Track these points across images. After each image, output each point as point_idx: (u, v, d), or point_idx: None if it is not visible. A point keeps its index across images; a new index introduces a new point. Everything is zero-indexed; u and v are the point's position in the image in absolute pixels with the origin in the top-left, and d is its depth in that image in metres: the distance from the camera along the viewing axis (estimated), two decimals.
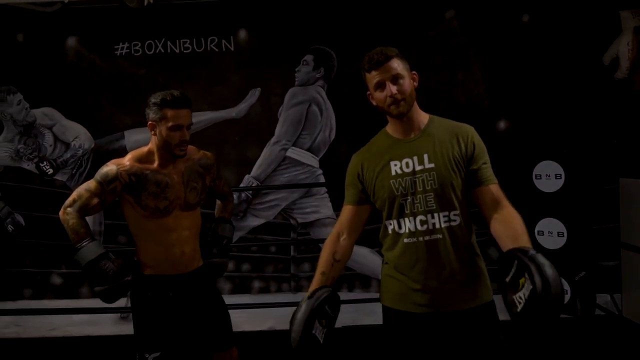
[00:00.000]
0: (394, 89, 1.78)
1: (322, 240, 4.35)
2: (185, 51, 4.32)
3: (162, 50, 4.32)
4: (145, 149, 2.14)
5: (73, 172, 4.33)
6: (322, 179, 4.39)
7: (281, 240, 4.48)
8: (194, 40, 4.32)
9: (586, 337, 3.68)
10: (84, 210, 2.09)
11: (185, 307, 2.15)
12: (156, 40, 4.32)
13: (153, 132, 2.08)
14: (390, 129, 1.90)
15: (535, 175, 3.91)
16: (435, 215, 1.76)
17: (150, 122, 2.08)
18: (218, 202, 2.45)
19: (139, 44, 4.32)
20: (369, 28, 4.33)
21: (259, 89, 4.37)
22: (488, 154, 1.84)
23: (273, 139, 4.40)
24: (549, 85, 4.27)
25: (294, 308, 1.71)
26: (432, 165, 1.77)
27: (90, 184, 2.09)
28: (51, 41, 4.30)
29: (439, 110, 2.05)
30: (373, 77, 1.82)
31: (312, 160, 4.39)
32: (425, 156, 1.78)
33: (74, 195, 2.11)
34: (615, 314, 4.02)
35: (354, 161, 1.95)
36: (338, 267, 1.86)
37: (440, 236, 1.76)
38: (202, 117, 4.32)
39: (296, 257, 4.44)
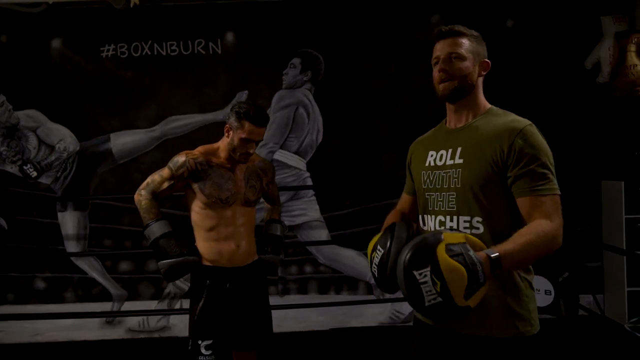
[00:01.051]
0: (445, 65, 1.56)
1: (310, 243, 4.38)
2: (172, 53, 4.30)
3: (149, 53, 4.29)
4: (216, 144, 2.34)
5: (58, 175, 4.28)
6: (309, 182, 4.39)
7: None
8: (181, 42, 4.30)
9: (570, 337, 3.73)
10: (155, 192, 2.27)
11: (239, 299, 2.30)
12: (142, 42, 4.29)
13: (227, 134, 2.27)
14: (447, 116, 1.69)
15: None
16: (455, 218, 1.52)
17: (227, 125, 2.27)
18: (268, 205, 2.67)
19: (125, 46, 4.28)
20: (357, 32, 4.35)
21: (246, 91, 4.36)
22: None
23: (260, 142, 4.38)
24: (533, 89, 4.33)
25: (281, 311, 1.72)
26: (461, 161, 1.54)
27: (163, 170, 2.29)
28: (36, 42, 4.25)
29: (428, 113, 2.05)
30: (435, 51, 1.60)
31: (300, 163, 4.39)
32: (459, 150, 1.55)
33: (147, 179, 2.30)
34: (597, 314, 4.09)
35: (410, 150, 1.81)
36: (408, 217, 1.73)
37: None
38: (189, 120, 4.30)
39: (284, 260, 4.44)
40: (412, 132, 2.07)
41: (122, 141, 4.31)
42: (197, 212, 2.29)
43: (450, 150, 1.57)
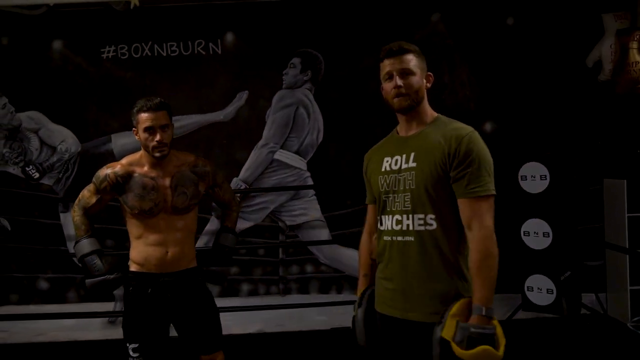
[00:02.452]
0: (399, 81, 1.73)
1: (311, 243, 4.38)
2: (172, 54, 4.30)
3: (149, 54, 4.30)
4: (138, 153, 2.29)
5: (59, 176, 4.29)
6: (310, 182, 4.38)
7: (269, 243, 4.47)
8: (181, 43, 4.31)
9: (572, 336, 3.71)
10: (85, 208, 2.30)
11: (167, 305, 2.26)
12: (143, 44, 4.29)
13: (137, 137, 2.24)
14: (398, 126, 1.87)
15: (521, 176, 3.93)
16: (410, 216, 1.68)
17: (133, 128, 2.26)
18: (225, 211, 2.56)
19: (126, 47, 4.29)
20: (356, 31, 4.34)
21: (246, 91, 4.36)
22: None
23: (261, 142, 4.39)
24: (534, 87, 4.31)
25: (283, 311, 1.76)
26: (415, 164, 1.70)
27: (90, 185, 2.31)
28: (37, 44, 4.26)
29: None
30: (384, 67, 1.78)
31: (300, 163, 4.39)
32: (412, 155, 1.72)
33: (79, 195, 2.33)
34: (600, 313, 4.06)
35: (365, 160, 1.96)
36: (375, 265, 1.87)
37: (412, 239, 1.68)
38: (189, 120, 4.31)
39: (285, 260, 4.44)
40: None
41: (123, 142, 4.32)
42: (127, 220, 2.29)
43: (404, 155, 1.74)
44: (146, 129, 2.18)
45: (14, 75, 4.27)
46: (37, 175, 4.28)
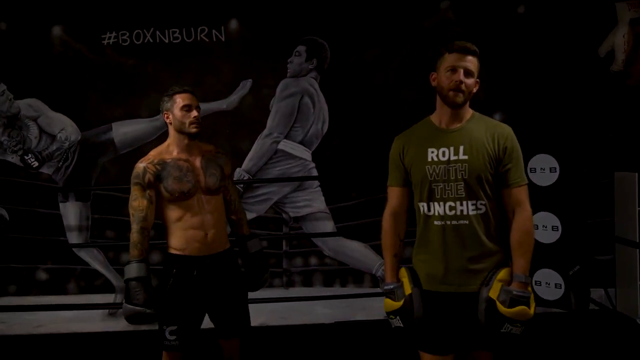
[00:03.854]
0: (463, 77, 1.94)
1: (315, 235, 4.40)
2: (174, 41, 4.31)
3: (151, 40, 4.30)
4: (164, 144, 2.42)
5: (59, 165, 4.31)
6: (314, 172, 4.39)
7: (273, 234, 4.49)
8: (184, 30, 4.30)
9: (580, 331, 3.73)
10: (143, 219, 2.30)
11: (207, 287, 2.35)
12: (144, 30, 4.29)
13: (169, 120, 2.37)
14: (435, 117, 2.06)
15: (530, 168, 3.94)
16: (464, 202, 1.95)
17: (165, 113, 2.38)
18: (232, 217, 2.59)
19: (127, 34, 4.29)
20: (363, 18, 4.33)
21: (250, 80, 4.37)
22: None
23: (265, 132, 4.40)
24: (545, 77, 4.31)
25: (286, 304, 1.81)
26: (466, 157, 1.95)
27: (133, 192, 2.32)
28: (36, 30, 4.26)
29: (435, 103, 2.09)
30: (451, 59, 1.96)
31: (305, 153, 4.40)
32: (461, 148, 1.96)
33: (130, 211, 2.32)
34: (609, 308, 4.08)
35: (396, 144, 2.12)
36: (402, 246, 2.11)
37: (467, 222, 1.95)
38: None
39: (288, 252, 4.46)
40: (416, 122, 2.10)
41: (124, 130, 4.33)
42: (165, 207, 2.36)
43: (452, 148, 1.98)
44: (183, 107, 2.34)
45: (13, 61, 4.27)
46: (36, 164, 4.30)
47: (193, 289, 2.34)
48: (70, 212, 4.32)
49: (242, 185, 4.40)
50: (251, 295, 2.53)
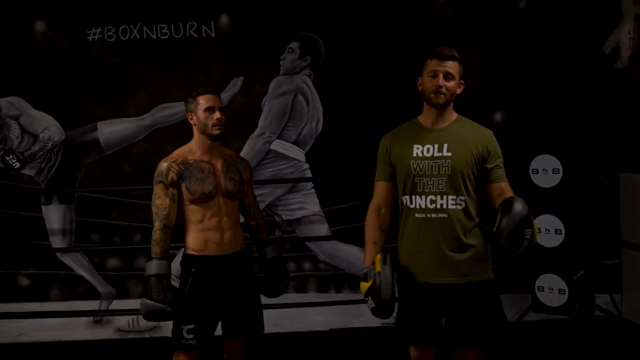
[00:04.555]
0: (442, 82, 2.18)
1: (309, 239, 4.38)
2: (162, 37, 4.28)
3: (138, 36, 4.27)
4: (188, 145, 2.54)
5: (42, 166, 4.28)
6: (308, 174, 4.38)
7: None
8: (172, 25, 4.28)
9: (585, 339, 3.72)
10: (166, 217, 2.40)
11: (223, 286, 2.47)
12: (131, 25, 4.26)
13: (192, 121, 2.50)
14: (422, 118, 2.32)
15: (532, 169, 3.94)
16: (445, 197, 2.18)
17: (189, 114, 2.51)
18: (251, 223, 2.72)
19: (113, 29, 4.26)
20: (359, 13, 4.32)
21: (241, 77, 4.35)
22: None
23: (256, 131, 4.38)
24: (547, 75, 4.30)
25: (278, 311, 1.87)
26: (450, 154, 2.19)
27: (155, 190, 2.42)
28: (18, 25, 4.22)
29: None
30: (432, 65, 2.22)
31: (298, 154, 4.38)
32: (445, 145, 2.20)
33: (153, 209, 2.42)
34: (615, 315, 4.08)
35: (385, 141, 2.37)
36: (384, 236, 2.34)
37: (446, 216, 2.17)
38: (182, 108, 4.25)
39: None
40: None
41: (110, 130, 4.30)
42: (185, 207, 2.47)
43: (436, 145, 2.22)
44: (207, 109, 2.45)
45: None
46: (17, 165, 4.27)
47: (211, 288, 2.45)
48: (54, 215, 4.29)
49: None
50: None
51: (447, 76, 2.19)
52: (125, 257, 4.33)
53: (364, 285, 2.23)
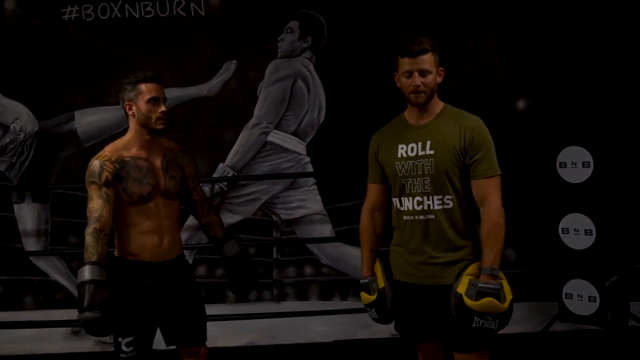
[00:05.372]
0: (419, 80, 2.23)
1: (310, 241, 4.38)
2: (146, 16, 4.28)
3: (119, 15, 4.27)
4: (123, 139, 2.46)
5: (13, 160, 4.29)
6: (309, 168, 4.38)
7: (262, 240, 4.48)
8: (157, 2, 4.28)
9: (618, 351, 3.72)
10: (97, 220, 2.30)
11: (160, 294, 2.46)
12: (112, 3, 4.26)
13: (131, 112, 2.41)
14: (407, 113, 2.40)
15: (560, 163, 3.92)
16: (431, 197, 2.27)
17: (126, 103, 2.41)
18: (203, 221, 2.66)
19: (91, 7, 4.26)
20: None
21: (234, 61, 4.35)
22: (505, 137, 2.28)
23: (252, 121, 4.38)
24: (576, 57, 4.27)
25: (277, 320, 1.90)
26: (432, 152, 2.26)
27: (88, 192, 2.35)
28: None
29: (449, 88, 2.15)
30: (404, 64, 2.27)
31: (298, 146, 4.38)
32: (428, 143, 2.28)
33: (87, 214, 2.34)
34: None
35: (373, 141, 2.47)
36: (379, 241, 2.49)
37: (433, 217, 2.27)
38: (168, 95, 4.27)
39: (279, 260, 4.44)
40: None
41: (89, 120, 4.31)
42: (121, 209, 2.41)
43: (420, 144, 2.29)
44: (151, 100, 2.38)
45: None
46: None
47: (146, 296, 2.44)
48: (27, 214, 4.31)
49: (225, 184, 4.37)
50: (237, 310, 2.58)
51: (423, 73, 2.25)
52: (111, 262, 4.33)
53: (367, 298, 2.42)
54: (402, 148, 2.33)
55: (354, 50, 4.35)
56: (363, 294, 2.45)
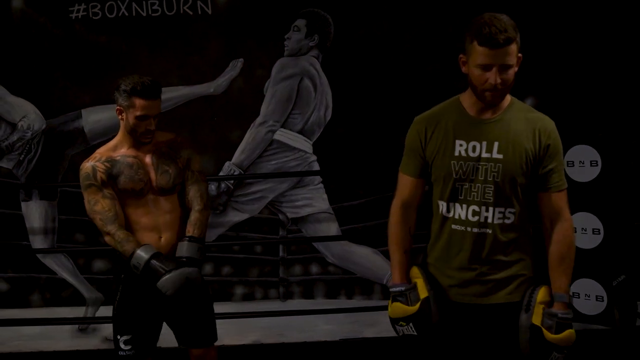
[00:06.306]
0: (499, 78, 1.86)
1: (316, 239, 4.38)
2: (153, 14, 4.28)
3: (126, 13, 4.27)
4: (113, 140, 2.49)
5: (21, 158, 4.30)
6: (316, 167, 4.38)
7: (268, 238, 4.48)
8: (164, 1, 4.28)
9: (626, 352, 3.71)
10: (117, 217, 2.35)
11: (162, 294, 2.33)
12: (119, 1, 4.26)
13: (120, 116, 2.42)
14: (466, 101, 2.01)
15: (567, 162, 3.91)
16: (490, 209, 1.95)
17: (118, 107, 2.41)
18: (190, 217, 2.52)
19: (98, 6, 4.26)
20: None
21: (241, 59, 4.35)
22: None
23: (258, 119, 4.38)
24: (584, 56, 4.26)
25: (283, 319, 1.83)
26: (501, 156, 1.92)
27: (89, 196, 2.37)
28: None
29: (457, 87, 2.09)
30: (481, 54, 1.86)
31: (305, 145, 4.38)
32: (496, 144, 1.93)
33: (96, 218, 2.36)
34: None
35: (417, 126, 2.08)
36: (412, 242, 2.14)
37: (490, 231, 1.95)
38: (174, 94, 4.29)
39: (286, 259, 4.44)
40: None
41: (96, 118, 4.32)
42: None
43: (484, 143, 1.94)
44: (140, 117, 2.36)
45: None
46: None
47: (146, 295, 2.41)
48: (34, 212, 4.32)
49: (232, 182, 4.38)
50: (243, 308, 2.56)
51: (504, 67, 1.86)
52: (112, 259, 4.34)
53: (404, 310, 2.03)
54: (461, 145, 1.97)
55: (360, 48, 4.34)
56: (397, 306, 2.05)
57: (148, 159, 2.45)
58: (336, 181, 4.40)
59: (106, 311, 4.22)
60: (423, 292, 2.02)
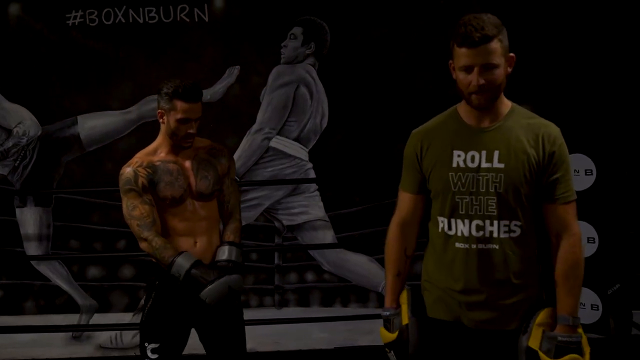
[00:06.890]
0: (481, 79, 1.76)
1: (312, 247, 4.37)
2: (150, 21, 4.29)
3: (123, 20, 4.28)
4: (152, 144, 2.46)
5: (16, 164, 4.29)
6: (312, 174, 4.38)
7: (263, 246, 4.48)
8: (161, 8, 4.28)
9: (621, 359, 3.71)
10: (154, 223, 2.35)
11: (194, 302, 2.31)
12: (116, 8, 4.27)
13: (162, 120, 2.40)
14: (463, 111, 1.92)
15: None
16: (495, 222, 1.83)
17: (159, 110, 2.39)
18: (226, 226, 2.55)
19: (95, 12, 4.27)
20: None
21: (237, 67, 4.35)
22: None
23: (254, 127, 4.38)
24: (579, 64, 4.27)
25: (278, 326, 1.81)
26: (502, 165, 1.81)
27: (128, 202, 2.36)
28: None
29: (454, 95, 2.06)
30: (462, 55, 1.78)
31: (301, 152, 4.38)
32: (496, 153, 1.82)
33: (133, 224, 2.36)
34: None
35: (413, 140, 2.00)
36: (408, 264, 2.05)
37: (497, 247, 1.83)
38: None
39: (281, 266, 4.44)
40: (435, 115, 2.05)
41: (92, 124, 4.31)
42: None
43: (484, 152, 1.83)
44: (182, 120, 2.33)
45: None
46: None
47: (178, 303, 2.40)
48: (29, 218, 4.30)
49: None
50: None
51: (487, 67, 1.76)
52: (107, 265, 4.34)
53: (387, 336, 2.01)
54: (459, 156, 1.86)
55: (357, 56, 4.35)
56: (382, 331, 2.04)
57: (188, 164, 2.43)
58: (332, 189, 4.40)
59: (100, 318, 4.24)
60: (405, 319, 1.96)
